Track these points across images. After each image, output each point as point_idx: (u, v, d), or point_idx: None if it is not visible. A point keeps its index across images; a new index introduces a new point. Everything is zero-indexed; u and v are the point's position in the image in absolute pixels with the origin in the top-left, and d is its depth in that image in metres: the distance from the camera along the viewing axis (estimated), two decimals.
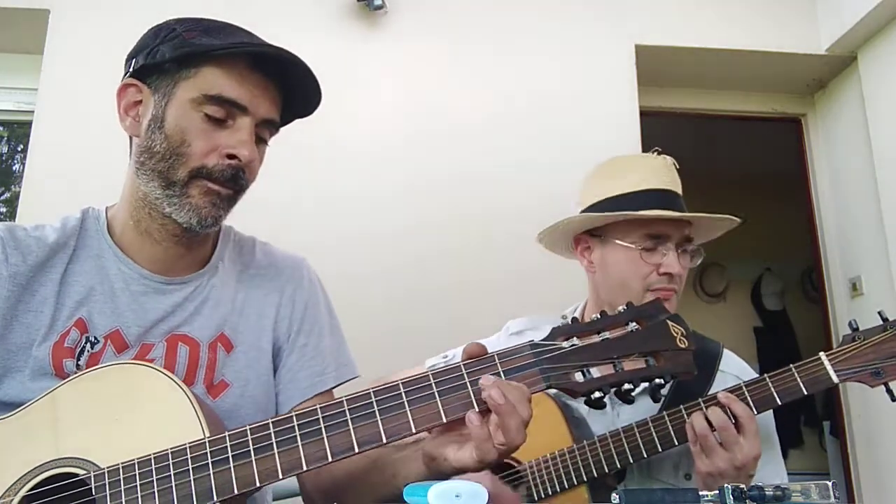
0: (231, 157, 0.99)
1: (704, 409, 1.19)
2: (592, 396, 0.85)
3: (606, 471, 1.24)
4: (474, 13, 2.67)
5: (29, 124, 2.44)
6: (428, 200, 2.48)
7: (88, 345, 1.00)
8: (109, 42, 2.44)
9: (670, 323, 0.88)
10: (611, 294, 1.40)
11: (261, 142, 1.05)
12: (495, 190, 2.51)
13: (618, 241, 1.37)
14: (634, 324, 0.88)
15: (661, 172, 1.41)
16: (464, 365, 0.87)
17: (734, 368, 1.37)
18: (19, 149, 3.04)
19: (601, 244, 1.42)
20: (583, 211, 1.44)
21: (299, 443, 0.83)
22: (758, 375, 1.33)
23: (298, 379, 1.12)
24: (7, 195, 3.13)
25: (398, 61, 2.60)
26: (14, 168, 3.09)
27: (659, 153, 1.47)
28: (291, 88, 1.05)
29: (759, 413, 1.20)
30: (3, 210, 3.09)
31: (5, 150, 3.15)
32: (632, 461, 1.23)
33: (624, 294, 1.35)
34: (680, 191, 1.42)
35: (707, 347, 1.41)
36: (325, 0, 2.59)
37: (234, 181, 1.00)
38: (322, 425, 0.83)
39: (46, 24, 2.45)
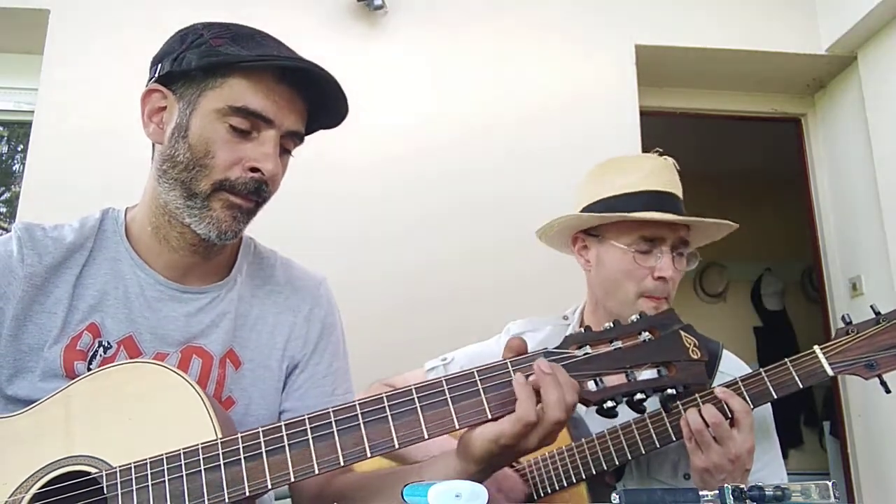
0: (254, 170, 0.98)
1: (700, 404, 1.19)
2: (605, 406, 0.85)
3: (605, 468, 1.25)
4: (474, 13, 2.67)
5: (29, 124, 2.44)
6: (428, 200, 2.48)
7: (101, 349, 1.00)
8: (109, 42, 2.45)
9: (683, 334, 0.88)
10: (606, 293, 1.40)
11: (285, 152, 1.04)
12: (495, 190, 2.51)
13: (613, 242, 1.37)
14: (647, 333, 0.87)
15: (660, 173, 1.40)
16: (478, 371, 0.87)
17: (733, 369, 1.38)
18: (19, 149, 3.04)
19: (598, 243, 1.42)
20: (581, 210, 1.45)
21: (311, 445, 0.82)
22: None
23: (307, 397, 1.11)
24: (7, 195, 3.13)
25: (398, 61, 2.60)
26: (14, 168, 3.09)
27: (660, 154, 1.46)
28: (318, 100, 1.04)
29: (754, 408, 1.21)
30: (3, 210, 3.09)
31: (5, 150, 3.15)
32: (630, 458, 1.24)
33: (618, 294, 1.36)
34: (679, 192, 1.41)
35: (707, 347, 1.41)
36: (325, 0, 2.59)
37: (256, 194, 0.99)
38: (335, 429, 0.83)
39: (46, 24, 2.45)
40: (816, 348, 1.22)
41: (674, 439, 1.23)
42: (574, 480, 1.26)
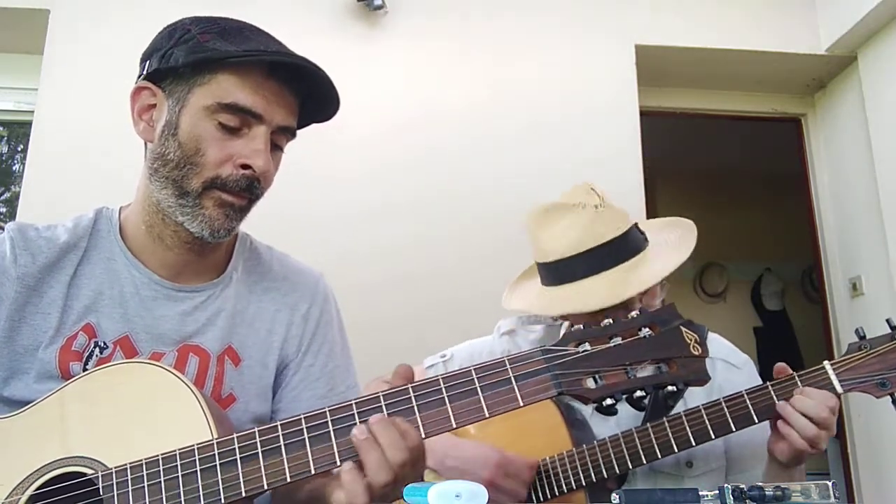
0: (245, 167, 0.97)
1: (799, 389, 1.16)
2: (604, 403, 0.84)
3: (605, 476, 1.22)
4: (474, 13, 2.67)
5: (29, 124, 2.44)
6: (427, 199, 2.48)
7: (97, 349, 0.99)
8: (109, 42, 2.45)
9: (684, 329, 0.86)
10: None
11: (276, 149, 1.02)
12: (495, 189, 2.51)
13: None
14: (647, 329, 0.86)
15: (569, 234, 1.31)
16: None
17: (721, 353, 1.35)
18: (19, 149, 3.04)
19: None
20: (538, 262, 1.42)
21: (308, 446, 0.82)
22: (745, 357, 1.32)
23: (301, 399, 1.10)
24: (7, 195, 3.13)
25: (398, 61, 2.60)
26: (14, 168, 3.09)
27: (590, 188, 1.36)
28: (309, 93, 1.03)
29: (760, 422, 1.18)
30: (3, 210, 3.09)
31: (5, 150, 3.15)
32: (631, 467, 1.22)
33: None
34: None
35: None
36: (325, 0, 2.59)
37: (248, 191, 0.99)
38: (331, 428, 0.83)
39: (46, 24, 2.45)
40: (826, 364, 1.18)
41: (676, 450, 1.20)
42: (574, 487, 1.24)
